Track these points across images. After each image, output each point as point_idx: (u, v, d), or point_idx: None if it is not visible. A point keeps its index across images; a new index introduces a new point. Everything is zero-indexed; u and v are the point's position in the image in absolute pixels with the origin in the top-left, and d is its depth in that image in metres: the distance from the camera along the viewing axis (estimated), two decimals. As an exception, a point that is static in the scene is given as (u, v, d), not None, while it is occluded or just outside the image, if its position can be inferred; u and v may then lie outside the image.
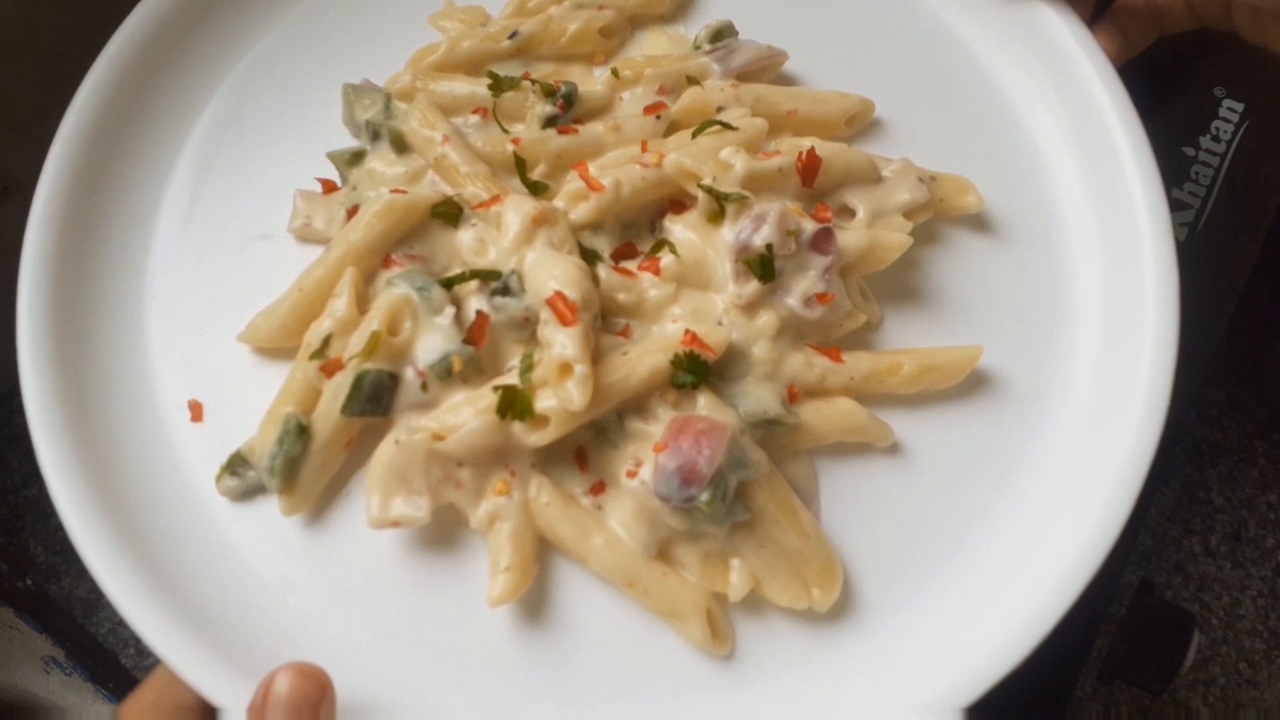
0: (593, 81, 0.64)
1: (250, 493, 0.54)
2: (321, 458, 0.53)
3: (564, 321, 0.51)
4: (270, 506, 0.54)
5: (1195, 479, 0.94)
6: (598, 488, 0.52)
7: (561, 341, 0.51)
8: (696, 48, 0.64)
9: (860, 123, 0.64)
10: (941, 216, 0.61)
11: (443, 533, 0.54)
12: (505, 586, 0.50)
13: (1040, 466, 0.56)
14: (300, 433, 0.52)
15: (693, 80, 0.62)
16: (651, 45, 0.66)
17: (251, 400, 0.55)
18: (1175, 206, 0.75)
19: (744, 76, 0.63)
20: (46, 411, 0.53)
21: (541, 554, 0.53)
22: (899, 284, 0.60)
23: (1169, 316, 0.55)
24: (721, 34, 0.64)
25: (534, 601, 0.52)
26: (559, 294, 0.51)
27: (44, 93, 0.63)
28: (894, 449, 0.56)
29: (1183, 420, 0.56)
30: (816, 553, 0.52)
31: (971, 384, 0.57)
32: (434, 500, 0.51)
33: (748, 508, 0.51)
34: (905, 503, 0.55)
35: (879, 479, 0.56)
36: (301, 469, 0.52)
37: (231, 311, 0.58)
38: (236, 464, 0.54)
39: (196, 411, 0.56)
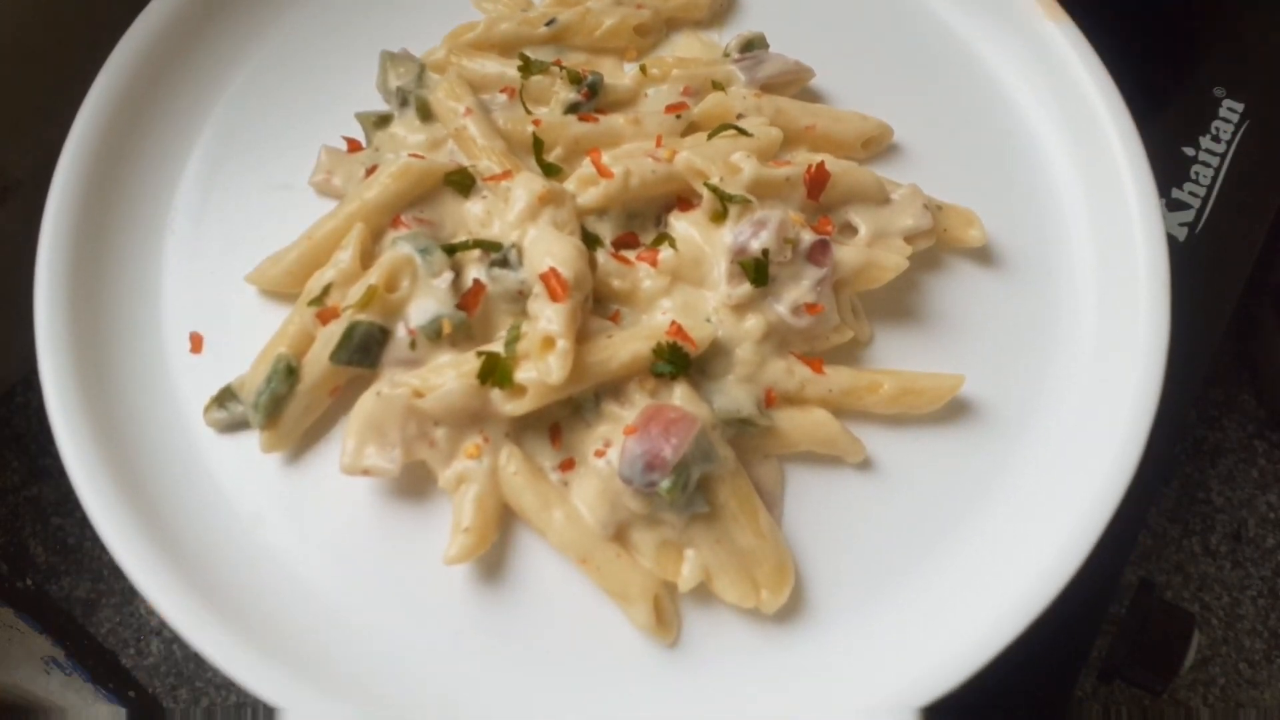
0: (621, 75, 0.65)
1: (235, 426, 0.56)
2: (306, 400, 0.54)
3: (554, 297, 0.52)
4: (253, 442, 0.55)
5: (1195, 479, 0.93)
6: (567, 464, 0.54)
7: (548, 316, 0.52)
8: (726, 55, 0.66)
9: (877, 146, 0.65)
10: (943, 246, 0.62)
11: (413, 488, 0.55)
12: (462, 547, 0.51)
13: (1011, 493, 0.57)
14: (289, 374, 0.54)
15: (718, 86, 0.63)
16: (684, 48, 0.68)
17: (250, 339, 0.57)
18: (1175, 207, 0.75)
19: (768, 88, 0.64)
20: (54, 318, 0.55)
21: (506, 521, 0.54)
22: (895, 304, 0.61)
23: (1155, 369, 0.56)
24: (752, 45, 0.66)
25: (492, 564, 0.54)
26: (553, 270, 0.53)
27: (44, 93, 0.64)
28: (866, 464, 0.57)
29: (1183, 420, 0.56)
30: (771, 554, 0.52)
31: (951, 409, 0.58)
32: (406, 455, 0.52)
33: (709, 501, 0.52)
34: (871, 516, 0.56)
35: (847, 491, 0.56)
36: (285, 409, 0.54)
37: (244, 253, 0.60)
38: (226, 398, 0.56)
39: (197, 343, 0.58)
